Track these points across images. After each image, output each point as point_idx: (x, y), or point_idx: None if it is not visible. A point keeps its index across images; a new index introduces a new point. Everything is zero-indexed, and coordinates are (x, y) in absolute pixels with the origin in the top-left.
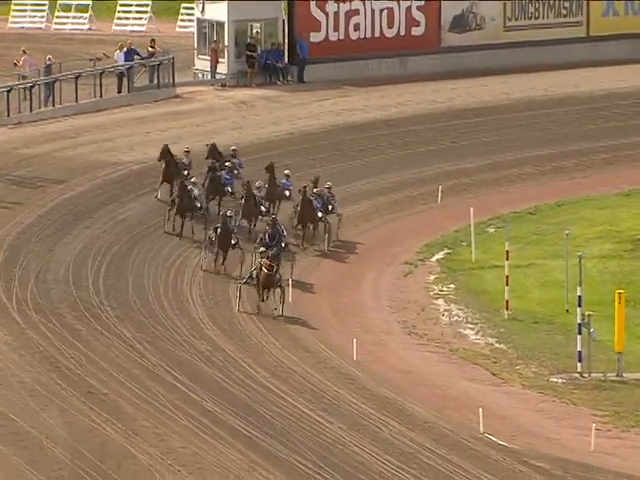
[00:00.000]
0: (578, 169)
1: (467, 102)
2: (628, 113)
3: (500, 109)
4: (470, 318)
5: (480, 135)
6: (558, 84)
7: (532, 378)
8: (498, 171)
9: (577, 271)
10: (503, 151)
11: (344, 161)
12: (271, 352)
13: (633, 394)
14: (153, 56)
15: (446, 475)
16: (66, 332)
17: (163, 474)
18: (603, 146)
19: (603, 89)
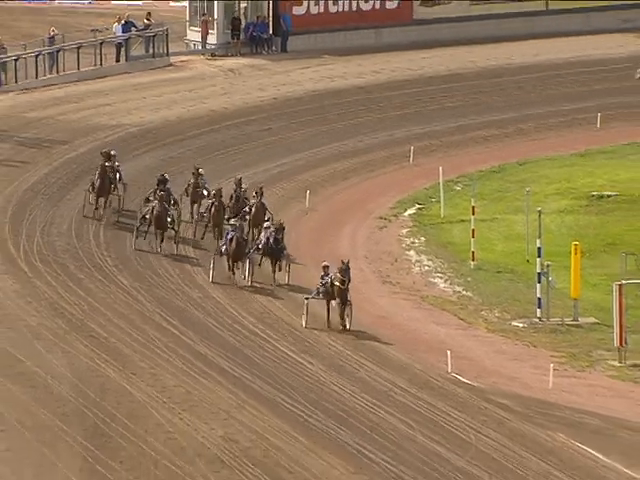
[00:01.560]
0: (538, 131)
1: (436, 70)
2: (584, 80)
3: (467, 76)
4: (439, 268)
5: (448, 100)
6: (520, 53)
7: (495, 322)
8: (465, 133)
9: (537, 225)
10: (469, 115)
11: (323, 124)
12: (258, 300)
13: (587, 337)
14: (149, 28)
15: (417, 411)
16: (69, 281)
17: (158, 410)
18: (561, 110)
19: (561, 58)
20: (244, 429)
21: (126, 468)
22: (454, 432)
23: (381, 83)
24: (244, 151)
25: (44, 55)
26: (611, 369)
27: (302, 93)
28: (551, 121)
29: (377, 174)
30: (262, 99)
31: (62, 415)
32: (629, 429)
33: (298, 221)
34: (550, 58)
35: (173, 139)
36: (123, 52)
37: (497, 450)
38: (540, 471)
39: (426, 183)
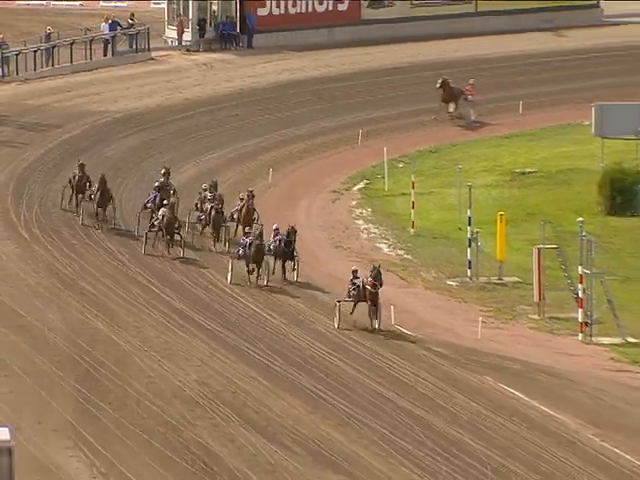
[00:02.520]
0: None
1: (381, 64)
2: (508, 72)
3: (408, 70)
4: (383, 235)
5: (392, 90)
6: (454, 49)
7: (432, 281)
8: (406, 119)
9: (467, 197)
10: (410, 103)
11: (284, 111)
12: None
13: (511, 294)
14: (132, 27)
15: (365, 359)
16: (63, 246)
17: (141, 358)
18: (489, 98)
19: (489, 53)
20: (215, 374)
21: (113, 408)
22: (397, 376)
23: (333, 75)
24: (215, 134)
25: (41, 50)
26: (531, 321)
27: (265, 84)
28: (480, 108)
29: (330, 154)
30: (230, 89)
31: (57, 362)
32: (546, 373)
33: (262, 194)
34: (480, 53)
35: (153, 124)
36: (110, 48)
37: (433, 391)
38: (471, 409)
39: (373, 162)
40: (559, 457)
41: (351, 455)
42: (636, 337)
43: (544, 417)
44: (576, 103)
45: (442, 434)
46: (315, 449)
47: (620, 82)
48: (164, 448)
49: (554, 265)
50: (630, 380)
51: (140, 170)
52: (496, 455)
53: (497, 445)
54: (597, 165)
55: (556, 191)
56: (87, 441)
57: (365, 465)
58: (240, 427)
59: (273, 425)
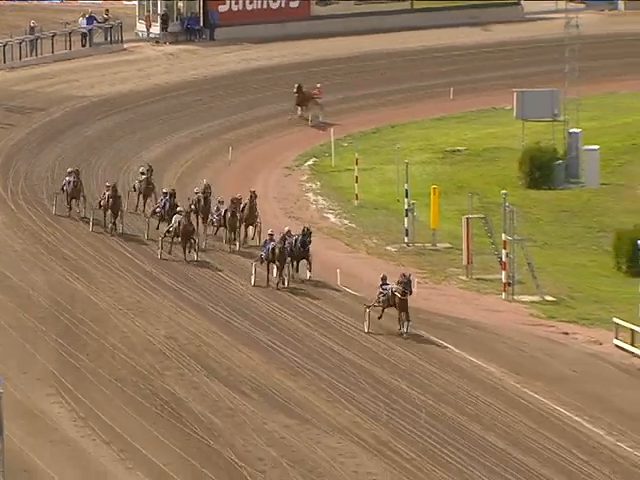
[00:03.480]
0: (405, 102)
1: (327, 54)
2: (440, 62)
3: (352, 59)
4: (331, 206)
5: (338, 77)
6: (392, 42)
7: (374, 247)
8: (350, 103)
9: (404, 173)
10: (354, 89)
11: (242, 96)
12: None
13: (443, 258)
14: (107, 21)
15: (315, 315)
16: (46, 215)
17: (115, 315)
18: (423, 85)
19: (423, 45)
20: (181, 329)
21: (90, 359)
22: (343, 331)
23: (287, 64)
24: (181, 117)
25: (26, 42)
26: (460, 282)
27: (226, 72)
28: (415, 94)
29: (284, 134)
30: (195, 76)
31: (40, 318)
32: (474, 327)
33: (223, 170)
34: (414, 46)
35: (126, 107)
36: (87, 40)
37: (375, 344)
38: (408, 360)
39: (321, 141)
40: (485, 401)
41: (302, 400)
42: (553, 295)
43: (472, 367)
44: (500, 89)
45: (382, 382)
46: (270, 395)
47: (538, 71)
48: (136, 395)
49: (481, 232)
50: (547, 333)
51: (114, 148)
52: (430, 400)
53: (430, 391)
54: (518, 144)
55: (483, 167)
56: (67, 389)
57: (314, 409)
58: (203, 376)
59: (233, 374)
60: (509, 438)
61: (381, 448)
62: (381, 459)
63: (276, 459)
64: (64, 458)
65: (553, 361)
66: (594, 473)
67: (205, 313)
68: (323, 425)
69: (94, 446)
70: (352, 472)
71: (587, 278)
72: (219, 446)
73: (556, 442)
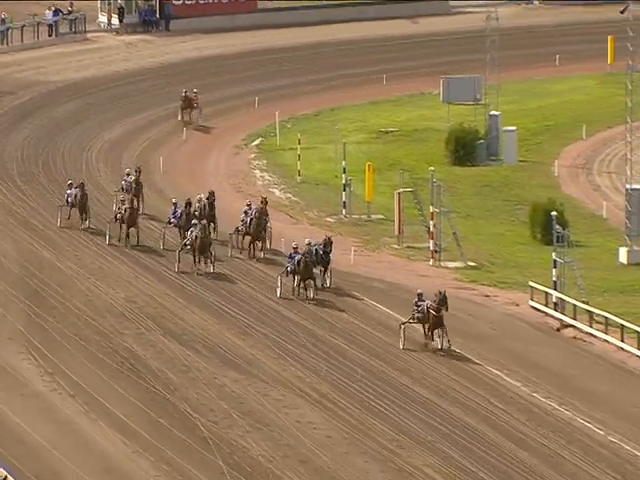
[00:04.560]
0: (344, 87)
1: (273, 45)
2: (373, 51)
3: (299, 48)
4: (276, 181)
5: (284, 65)
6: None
7: (315, 219)
8: (295, 88)
9: (342, 151)
10: (298, 75)
11: (195, 81)
12: (149, 200)
13: (377, 228)
14: (71, 13)
15: (260, 279)
16: (16, 190)
17: (80, 281)
18: (359, 72)
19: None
20: (140, 293)
21: (57, 321)
22: (285, 294)
23: (236, 52)
24: (139, 100)
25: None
26: (393, 250)
27: (180, 60)
28: (352, 80)
29: (233, 116)
30: (152, 64)
31: (11, 283)
32: (405, 290)
33: (177, 149)
34: (352, 36)
35: (89, 91)
36: (53, 30)
37: (315, 306)
38: (345, 320)
39: (267, 123)
40: (414, 357)
41: (250, 357)
42: (475, 262)
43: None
44: (428, 76)
45: (322, 340)
46: (221, 353)
47: (462, 59)
48: (99, 352)
49: (411, 205)
50: (470, 296)
51: (78, 129)
52: (365, 356)
53: (366, 348)
54: (444, 125)
55: (412, 146)
56: (36, 347)
57: (261, 365)
58: (160, 335)
59: (187, 334)
60: (436, 390)
61: (321, 400)
62: (321, 410)
63: (226, 410)
64: (34, 410)
65: (475, 321)
66: (511, 420)
67: (160, 277)
68: (269, 380)
69: (61, 399)
70: (295, 422)
71: (506, 246)
72: (174, 399)
73: (478, 393)
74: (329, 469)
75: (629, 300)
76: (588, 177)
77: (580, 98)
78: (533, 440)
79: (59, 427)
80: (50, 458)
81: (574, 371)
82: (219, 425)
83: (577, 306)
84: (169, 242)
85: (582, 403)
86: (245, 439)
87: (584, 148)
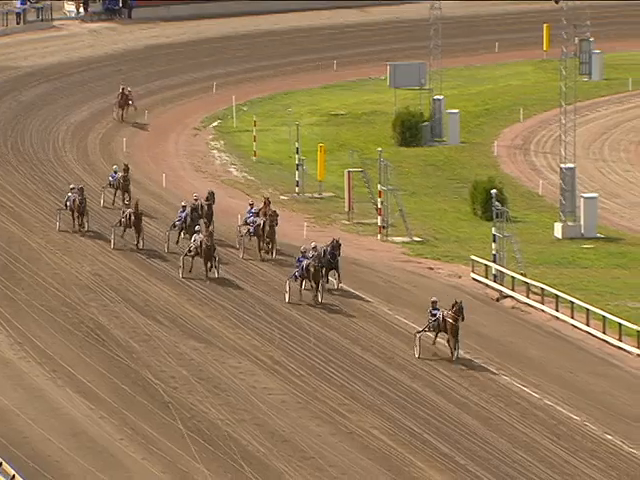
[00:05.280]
0: (296, 73)
1: (230, 32)
2: (325, 39)
3: (254, 36)
4: (233, 161)
5: (229, 52)
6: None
7: (270, 196)
8: (250, 73)
9: (295, 133)
10: (252, 61)
11: (156, 67)
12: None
13: (328, 205)
14: (39, 2)
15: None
16: None
17: (47, 255)
18: (311, 58)
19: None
20: (105, 267)
21: (26, 292)
22: (242, 267)
23: (195, 40)
24: (103, 84)
25: None
26: (343, 226)
27: (142, 46)
28: (304, 66)
29: (192, 100)
30: (115, 50)
31: None
32: (354, 264)
33: (139, 131)
34: (300, 25)
35: (55, 76)
36: (22, 18)
37: (270, 279)
38: (298, 292)
39: (224, 106)
40: (362, 326)
41: (208, 327)
42: (420, 236)
43: (351, 297)
44: (376, 62)
45: (277, 311)
46: (181, 323)
47: (408, 47)
48: (65, 323)
49: (360, 183)
50: (415, 268)
51: (45, 111)
52: (317, 325)
53: (317, 318)
54: (391, 109)
55: (361, 128)
56: (6, 318)
57: (218, 334)
58: (124, 307)
59: (149, 305)
60: (383, 357)
61: (275, 367)
62: (275, 376)
63: (186, 377)
64: (3, 377)
65: (420, 292)
66: (455, 386)
67: (125, 253)
68: (226, 348)
69: (29, 367)
70: (251, 387)
71: (448, 222)
72: (137, 366)
73: (423, 360)
74: (283, 432)
75: (563, 272)
76: (525, 157)
77: (517, 83)
78: (475, 404)
79: (28, 393)
80: (19, 423)
81: (512, 339)
82: (179, 391)
83: (515, 278)
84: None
85: (519, 368)
86: (204, 404)
87: (521, 130)
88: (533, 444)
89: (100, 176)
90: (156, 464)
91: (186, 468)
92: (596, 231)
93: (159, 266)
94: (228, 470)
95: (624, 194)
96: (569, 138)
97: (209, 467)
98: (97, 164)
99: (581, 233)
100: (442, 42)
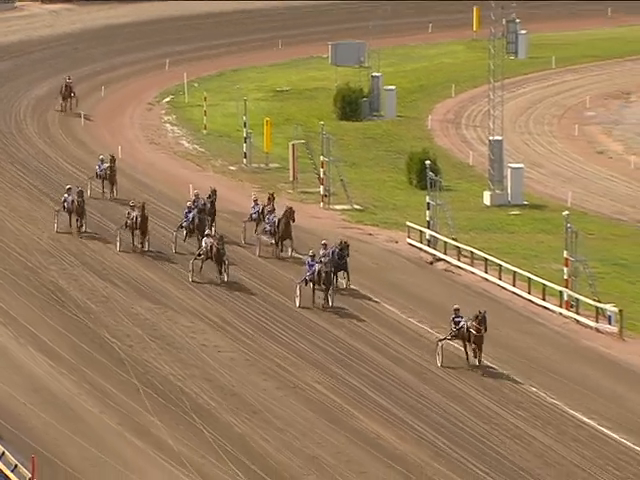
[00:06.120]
0: (244, 51)
1: (184, 13)
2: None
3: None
4: (184, 134)
5: (180, 32)
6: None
7: (219, 167)
8: (199, 52)
9: (243, 108)
10: (205, 40)
11: (113, 45)
12: (74, 150)
13: (274, 175)
14: None
15: (170, 219)
16: None
17: (11, 223)
18: (253, 38)
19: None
20: (64, 233)
21: None
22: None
23: (148, 20)
24: (62, 61)
25: None
26: (288, 194)
27: (100, 26)
28: (252, 45)
29: (146, 76)
30: (73, 29)
31: None
32: (298, 230)
33: (96, 105)
34: (247, 7)
35: (17, 54)
36: None
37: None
38: (243, 255)
39: (176, 82)
40: (307, 290)
41: (162, 289)
42: (360, 204)
43: (295, 261)
44: (318, 42)
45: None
46: (136, 285)
47: (348, 27)
48: (27, 286)
49: (303, 155)
50: (355, 234)
51: (7, 87)
52: (262, 286)
53: (263, 279)
54: (333, 85)
55: (305, 103)
56: None
57: (171, 296)
58: (82, 270)
59: (106, 269)
60: (325, 318)
61: (225, 326)
62: (226, 335)
63: (140, 335)
64: None
65: (360, 256)
66: (390, 342)
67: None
68: (178, 308)
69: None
70: (202, 345)
71: (386, 191)
72: (95, 326)
73: (362, 319)
74: (232, 387)
75: (492, 237)
76: (457, 130)
77: (449, 61)
78: (410, 360)
79: None
80: None
81: (444, 299)
82: (134, 349)
83: (447, 242)
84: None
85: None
86: (157, 360)
87: (453, 105)
88: (463, 396)
89: (60, 148)
90: (113, 417)
91: (141, 420)
92: (522, 199)
93: (114, 231)
94: (180, 422)
95: (547, 164)
96: (497, 112)
97: (162, 419)
98: (57, 137)
99: (508, 201)
100: (380, 23)
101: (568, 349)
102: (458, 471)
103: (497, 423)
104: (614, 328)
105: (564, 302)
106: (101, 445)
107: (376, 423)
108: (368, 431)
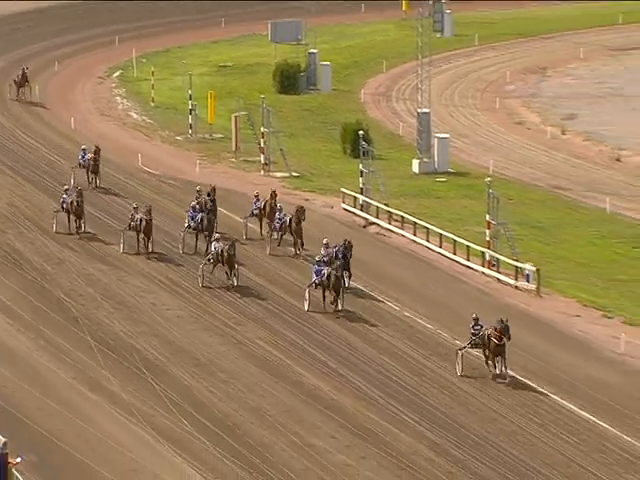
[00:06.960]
0: (189, 29)
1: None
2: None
3: None
4: (134, 107)
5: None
6: None
7: (166, 137)
8: (146, 29)
9: (188, 82)
10: (148, 18)
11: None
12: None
13: (217, 145)
14: None
15: (121, 186)
16: None
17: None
18: (198, 17)
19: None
20: (20, 199)
21: None
22: (144, 200)
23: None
24: (16, 39)
25: None
26: (231, 163)
27: (49, 5)
28: (192, 23)
29: (97, 52)
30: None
31: None
32: (240, 196)
33: (50, 79)
34: None
35: None
36: None
37: (171, 210)
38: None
39: (126, 58)
40: (253, 252)
41: (113, 252)
42: (297, 172)
43: (237, 223)
44: (258, 20)
45: (176, 238)
46: (89, 249)
47: (286, 6)
48: None
49: (245, 126)
50: (294, 200)
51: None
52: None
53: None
54: (272, 61)
55: (246, 78)
56: None
57: (122, 258)
58: (38, 235)
59: (60, 233)
60: (265, 276)
61: (174, 287)
62: (174, 295)
63: (93, 295)
64: None
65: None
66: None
67: (37, 185)
68: (130, 270)
69: None
70: (151, 304)
71: (322, 159)
72: (51, 287)
73: (297, 277)
74: (180, 342)
75: (421, 202)
76: (388, 103)
77: (381, 39)
78: (344, 317)
79: None
80: None
81: (376, 260)
82: (87, 307)
83: (379, 207)
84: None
85: (382, 285)
86: (109, 318)
87: (384, 79)
88: (394, 350)
89: (15, 117)
90: (68, 372)
91: (94, 375)
92: (448, 167)
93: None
94: (131, 376)
95: (471, 135)
96: (425, 86)
97: (114, 374)
98: (13, 110)
99: (435, 168)
100: (317, 3)
101: (490, 306)
102: (391, 420)
103: (427, 375)
104: (532, 286)
105: (486, 262)
106: (56, 397)
107: (314, 375)
108: (308, 384)
